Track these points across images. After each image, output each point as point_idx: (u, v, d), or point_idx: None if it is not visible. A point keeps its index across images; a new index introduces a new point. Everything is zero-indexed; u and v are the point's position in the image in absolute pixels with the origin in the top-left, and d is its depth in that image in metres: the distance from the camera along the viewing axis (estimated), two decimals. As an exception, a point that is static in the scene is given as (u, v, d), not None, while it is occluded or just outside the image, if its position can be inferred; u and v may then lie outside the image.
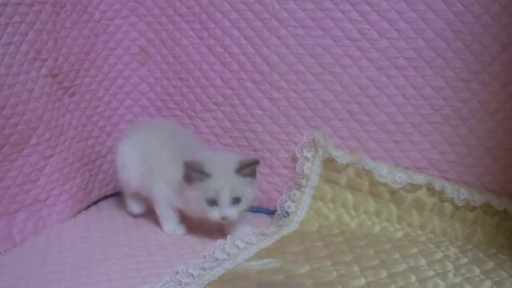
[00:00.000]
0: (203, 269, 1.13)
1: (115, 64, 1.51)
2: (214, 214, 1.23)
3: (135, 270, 1.16)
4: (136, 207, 1.44)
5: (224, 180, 1.22)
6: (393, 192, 1.34)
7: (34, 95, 1.28)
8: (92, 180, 1.50)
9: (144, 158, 1.36)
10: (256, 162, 1.27)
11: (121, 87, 1.53)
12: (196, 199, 1.25)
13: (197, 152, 1.31)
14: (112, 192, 1.57)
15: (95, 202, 1.53)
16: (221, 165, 1.26)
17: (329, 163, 1.39)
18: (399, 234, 1.32)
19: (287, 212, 1.39)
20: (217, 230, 1.32)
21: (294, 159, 1.42)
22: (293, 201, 1.40)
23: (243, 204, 1.25)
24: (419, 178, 1.33)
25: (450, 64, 1.29)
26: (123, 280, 1.11)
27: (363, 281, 1.07)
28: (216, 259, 1.17)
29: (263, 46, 1.40)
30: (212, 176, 1.22)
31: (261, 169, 1.42)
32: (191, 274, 1.10)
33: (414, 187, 1.33)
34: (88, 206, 1.51)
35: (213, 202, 1.23)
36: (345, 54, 1.34)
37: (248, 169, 1.24)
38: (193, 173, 1.23)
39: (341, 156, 1.37)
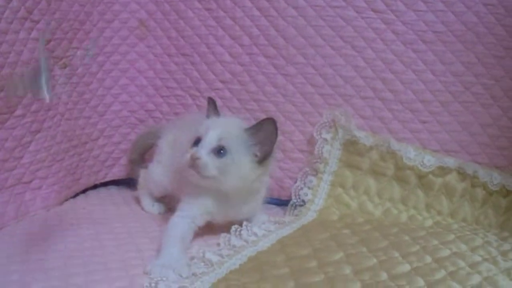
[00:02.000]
0: (221, 255, 0.91)
1: (111, 38, 1.28)
2: (187, 154, 0.97)
3: (138, 258, 0.93)
4: (158, 208, 1.19)
5: (221, 124, 1.00)
6: (421, 176, 1.15)
7: (23, 58, 1.05)
8: (81, 165, 1.25)
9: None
10: (272, 139, 0.99)
11: (116, 64, 1.29)
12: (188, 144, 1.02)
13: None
14: (102, 181, 1.32)
15: (83, 191, 1.29)
16: (234, 119, 1.06)
17: (350, 145, 1.19)
18: (429, 222, 1.13)
19: (303, 201, 1.18)
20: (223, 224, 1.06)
21: (311, 142, 1.21)
22: (309, 188, 1.19)
23: (227, 166, 0.96)
24: (450, 161, 1.14)
25: (482, 39, 1.13)
26: (123, 270, 0.88)
27: (408, 267, 0.89)
28: (234, 246, 0.95)
29: (279, 18, 1.20)
30: (218, 117, 1.04)
31: (273, 153, 1.22)
32: (209, 261, 0.87)
33: (443, 171, 1.15)
34: (76, 195, 1.26)
35: (196, 142, 0.98)
36: (369, 26, 1.17)
37: (260, 134, 0.98)
38: (209, 109, 1.05)
39: (364, 138, 1.17)
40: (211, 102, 1.06)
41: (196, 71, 1.27)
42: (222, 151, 0.96)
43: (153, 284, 0.82)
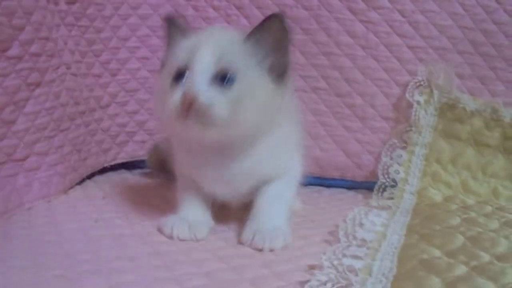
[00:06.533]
0: (356, 257, 0.53)
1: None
2: (174, 96, 0.55)
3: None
4: None
5: (212, 37, 0.58)
6: (532, 149, 0.83)
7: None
8: (88, 139, 0.80)
9: None
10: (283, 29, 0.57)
11: (135, 8, 0.85)
12: (160, 87, 0.59)
13: None
14: (112, 163, 0.87)
15: (89, 176, 0.82)
16: (221, 29, 0.64)
17: (447, 111, 0.84)
18: (547, 204, 0.80)
19: (393, 180, 0.81)
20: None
21: (397, 107, 0.85)
22: (399, 164, 0.82)
23: (240, 100, 0.55)
24: None
25: None
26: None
27: None
28: (363, 241, 0.57)
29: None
30: (195, 34, 0.59)
31: (348, 122, 0.84)
32: (350, 268, 0.50)
33: (558, 143, 0.83)
34: (81, 181, 0.80)
35: (179, 77, 0.56)
36: (467, -36, 0.83)
37: (268, 38, 0.57)
38: (172, 34, 0.61)
39: (466, 101, 0.83)
40: (170, 21, 0.61)
41: (245, 18, 0.85)
42: (227, 77, 0.55)
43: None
